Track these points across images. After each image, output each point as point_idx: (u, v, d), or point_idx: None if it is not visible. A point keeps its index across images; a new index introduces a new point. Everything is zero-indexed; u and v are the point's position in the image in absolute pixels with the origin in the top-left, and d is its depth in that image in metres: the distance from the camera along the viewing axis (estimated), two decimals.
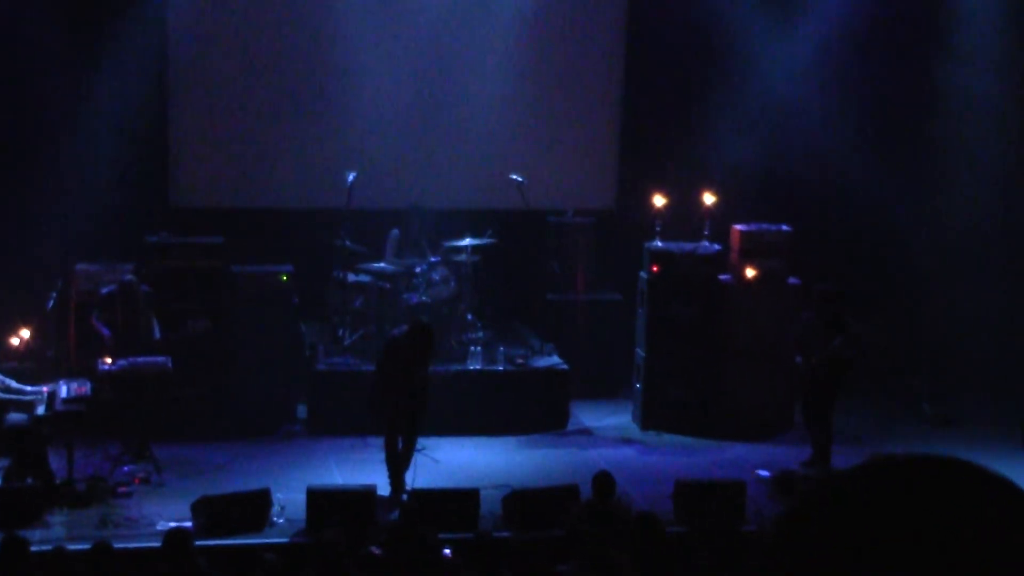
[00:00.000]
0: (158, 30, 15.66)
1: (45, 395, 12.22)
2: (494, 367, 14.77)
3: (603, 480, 10.86)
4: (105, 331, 12.95)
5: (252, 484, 12.07)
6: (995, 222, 16.80)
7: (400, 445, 12.66)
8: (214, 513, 11.34)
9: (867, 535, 1.80)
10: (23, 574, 9.22)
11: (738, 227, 14.97)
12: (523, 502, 11.73)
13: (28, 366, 13.40)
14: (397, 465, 12.53)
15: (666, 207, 14.97)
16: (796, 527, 1.87)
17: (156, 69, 15.70)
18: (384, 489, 12.34)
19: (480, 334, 15.14)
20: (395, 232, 15.41)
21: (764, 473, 13.28)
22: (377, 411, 12.72)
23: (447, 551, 10.09)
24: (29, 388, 12.35)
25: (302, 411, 14.60)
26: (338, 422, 13.97)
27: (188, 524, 11.04)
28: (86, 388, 12.36)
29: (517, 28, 16.32)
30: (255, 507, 11.60)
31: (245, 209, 15.93)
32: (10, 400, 12.12)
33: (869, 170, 16.75)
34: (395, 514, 11.17)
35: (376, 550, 9.57)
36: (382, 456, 12.68)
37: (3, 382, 12.22)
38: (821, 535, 1.84)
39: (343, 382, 14.13)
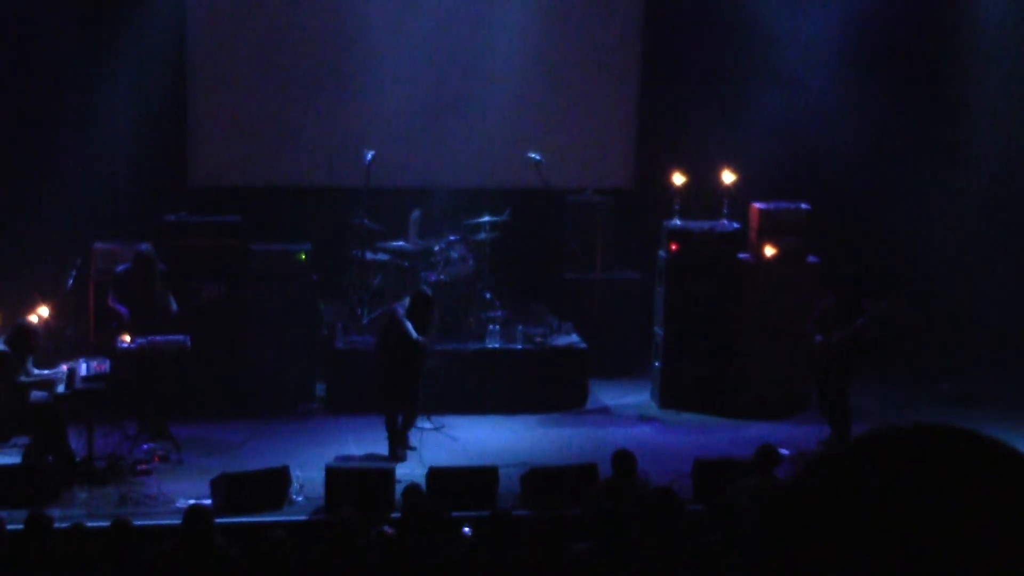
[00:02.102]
0: (177, 10, 15.65)
1: (65, 374, 12.25)
2: (512, 346, 14.77)
3: (623, 458, 10.84)
4: (122, 309, 12.97)
5: (271, 462, 12.08)
6: (1014, 197, 16.68)
7: (400, 419, 13.03)
8: (233, 491, 11.36)
9: (869, 500, 1.79)
10: (46, 550, 9.25)
11: (757, 205, 14.94)
12: (541, 480, 11.74)
13: (48, 345, 13.43)
14: (397, 433, 12.92)
15: (685, 185, 14.93)
16: (801, 494, 1.87)
17: (175, 48, 15.70)
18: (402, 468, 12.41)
19: (498, 313, 15.13)
20: (416, 213, 15.40)
21: (783, 452, 13.25)
22: (379, 383, 12.89)
23: (466, 529, 10.09)
24: (47, 372, 12.38)
25: (321, 389, 14.63)
26: (356, 400, 13.98)
27: (207, 502, 11.08)
28: (105, 366, 12.38)
29: (535, 6, 16.26)
30: (274, 485, 11.62)
31: (263, 188, 15.95)
32: (31, 382, 12.16)
33: (889, 147, 16.67)
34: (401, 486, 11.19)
35: (389, 530, 9.57)
36: None
37: (27, 369, 12.25)
38: (825, 501, 1.83)
39: (361, 360, 14.12)
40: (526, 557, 9.33)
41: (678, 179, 14.92)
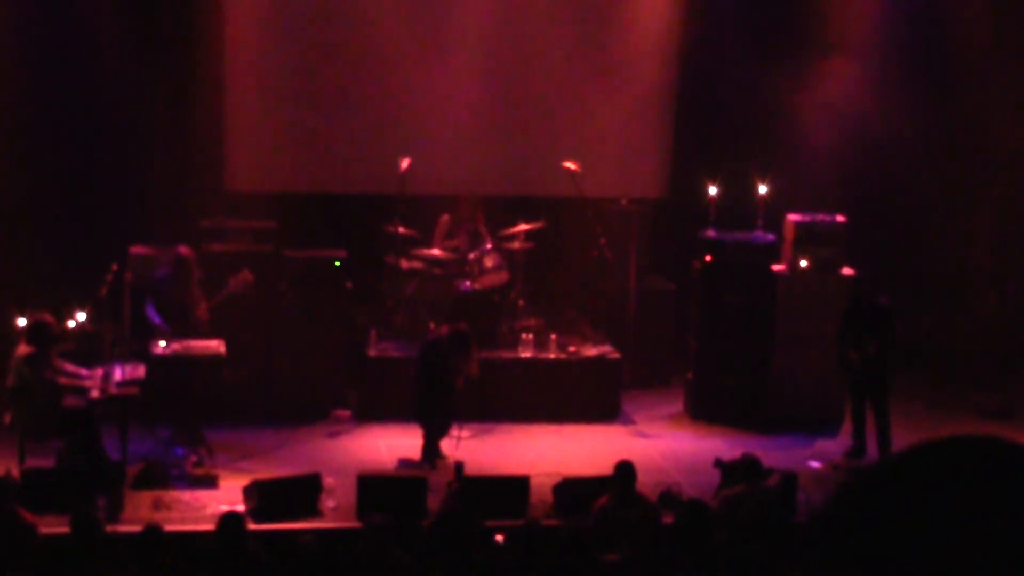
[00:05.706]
0: (216, 16, 15.72)
1: (99, 378, 12.31)
2: (545, 355, 14.76)
3: (623, 469, 10.74)
4: (157, 319, 13.08)
5: (303, 468, 12.12)
6: None
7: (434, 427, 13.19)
8: (266, 497, 11.40)
9: (909, 516, 1.79)
10: (92, 552, 9.28)
11: (792, 217, 14.88)
12: (573, 490, 11.72)
13: (83, 348, 13.50)
14: (431, 441, 13.12)
15: (720, 196, 14.90)
16: (841, 511, 1.87)
17: (214, 54, 15.76)
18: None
19: (532, 322, 15.14)
20: (445, 217, 15.43)
21: (815, 464, 13.22)
22: (419, 412, 13.12)
23: (499, 537, 10.09)
24: (85, 371, 12.44)
25: (353, 396, 14.64)
26: (388, 408, 14.00)
27: (240, 508, 11.11)
28: (140, 371, 12.44)
29: (570, 14, 16.28)
30: (306, 491, 11.65)
31: (299, 194, 15.99)
32: (67, 384, 12.22)
33: (927, 158, 16.56)
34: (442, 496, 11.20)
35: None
36: None
37: (60, 366, 12.31)
38: (865, 517, 1.83)
39: (394, 367, 14.17)
40: (556, 567, 9.33)
41: (713, 189, 14.89)
